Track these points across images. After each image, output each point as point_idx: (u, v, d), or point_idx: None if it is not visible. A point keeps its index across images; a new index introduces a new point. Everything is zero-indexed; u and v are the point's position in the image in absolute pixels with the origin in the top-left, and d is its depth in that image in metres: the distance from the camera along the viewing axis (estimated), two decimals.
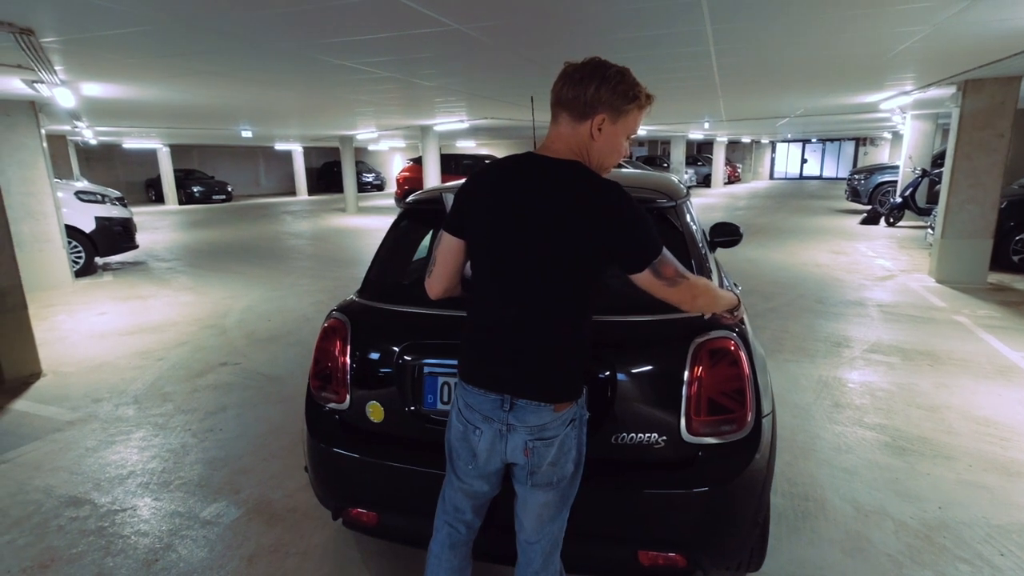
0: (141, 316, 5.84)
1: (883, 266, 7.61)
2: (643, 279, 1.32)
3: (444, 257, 1.46)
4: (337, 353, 1.90)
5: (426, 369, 1.79)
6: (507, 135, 19.84)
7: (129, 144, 19.02)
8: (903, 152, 11.92)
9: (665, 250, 1.33)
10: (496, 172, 1.38)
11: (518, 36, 3.91)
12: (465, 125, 11.65)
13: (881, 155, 26.98)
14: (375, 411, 1.86)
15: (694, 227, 2.14)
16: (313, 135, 17.87)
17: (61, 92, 5.44)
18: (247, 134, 14.26)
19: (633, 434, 1.64)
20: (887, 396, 3.60)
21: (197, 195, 21.45)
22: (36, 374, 4.17)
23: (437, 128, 12.42)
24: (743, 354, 1.66)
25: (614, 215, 1.27)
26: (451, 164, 15.59)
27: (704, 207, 16.03)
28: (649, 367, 1.67)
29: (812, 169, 32.68)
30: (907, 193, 10.90)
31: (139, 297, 6.69)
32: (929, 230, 7.71)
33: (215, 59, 4.68)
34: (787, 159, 33.22)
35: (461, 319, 1.51)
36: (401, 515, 1.85)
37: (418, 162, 15.02)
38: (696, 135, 20.79)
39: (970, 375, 3.90)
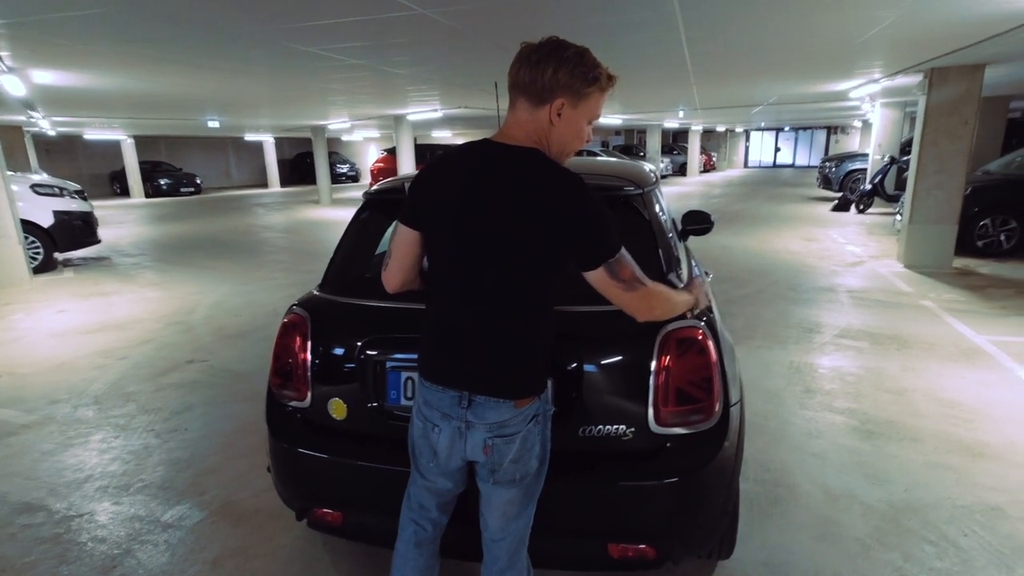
0: (103, 314, 5.64)
1: (853, 252, 7.74)
2: (597, 278, 1.27)
3: (400, 249, 1.40)
4: (297, 349, 1.84)
5: (389, 364, 1.73)
6: (483, 124, 19.66)
7: (91, 135, 18.36)
8: (872, 140, 12.14)
9: (624, 251, 1.28)
10: (452, 161, 1.33)
11: (485, 22, 3.83)
12: (439, 114, 11.49)
13: (852, 143, 27.47)
14: (337, 408, 1.80)
15: (663, 216, 2.11)
16: (284, 125, 17.49)
17: (9, 80, 5.22)
18: (214, 124, 13.89)
19: (601, 426, 1.61)
20: (856, 380, 3.65)
21: (164, 188, 20.84)
22: None
23: (411, 118, 12.25)
24: (711, 343, 1.64)
25: (570, 207, 1.21)
26: (426, 154, 15.41)
27: (680, 195, 16.13)
28: (616, 358, 1.64)
29: (785, 157, 33.15)
30: (876, 180, 11.10)
31: (102, 294, 6.47)
32: (897, 216, 7.85)
33: (171, 46, 4.51)
34: (761, 147, 33.64)
35: (424, 312, 1.45)
36: (366, 514, 1.80)
37: (392, 152, 14.83)
38: (672, 124, 20.88)
39: (936, 358, 3.98)
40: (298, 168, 26.45)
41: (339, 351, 1.82)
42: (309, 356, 1.83)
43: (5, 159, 11.88)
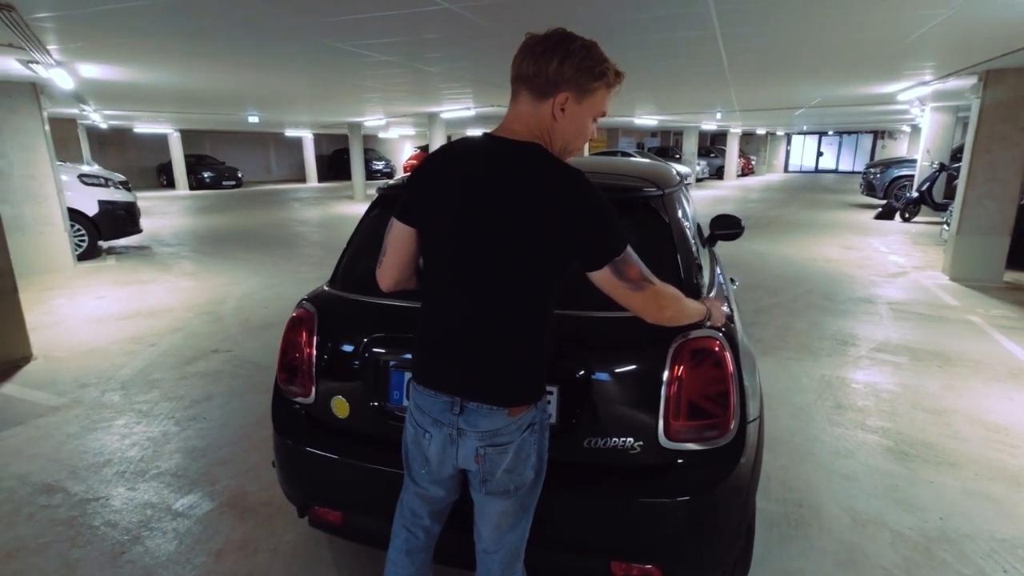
0: (139, 301, 5.81)
1: (896, 262, 7.40)
2: (603, 279, 1.20)
3: (395, 247, 1.35)
4: (303, 344, 1.82)
5: (392, 363, 1.70)
6: None
7: (140, 129, 19.07)
8: (921, 145, 11.61)
9: (630, 249, 1.21)
10: (449, 155, 1.28)
11: (512, 18, 3.77)
12: (472, 113, 11.50)
13: (899, 149, 26.42)
14: (340, 406, 1.77)
15: (686, 220, 2.01)
16: (322, 122, 17.80)
17: (58, 73, 5.40)
18: (254, 119, 14.22)
19: (608, 438, 1.54)
20: (892, 398, 3.46)
21: (207, 180, 21.49)
22: (27, 358, 4.14)
23: (444, 116, 12.28)
24: (728, 355, 1.55)
25: (572, 204, 1.15)
26: None
27: (715, 199, 15.78)
28: (626, 367, 1.56)
29: (828, 162, 32.11)
30: (924, 188, 10.61)
31: (139, 282, 6.68)
32: (945, 226, 7.49)
33: (211, 41, 4.60)
34: (803, 152, 32.66)
35: None
36: (366, 516, 1.77)
37: (426, 150, 14.93)
38: (709, 126, 20.45)
39: (981, 378, 3.74)
40: (335, 164, 26.92)
41: (344, 348, 1.79)
42: (315, 352, 1.81)
43: (59, 151, 12.42)
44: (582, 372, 1.56)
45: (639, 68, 5.97)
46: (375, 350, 1.73)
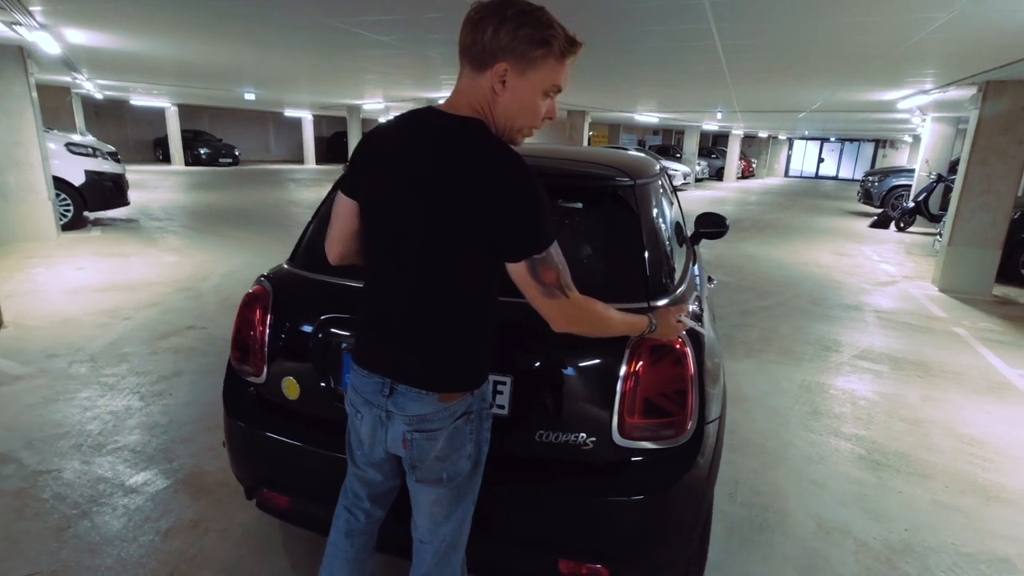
0: (119, 274, 5.72)
1: (886, 271, 7.37)
2: (517, 273, 1.10)
3: (339, 219, 1.29)
4: (256, 322, 1.76)
5: (345, 345, 1.64)
6: None
7: (137, 101, 18.80)
8: (919, 156, 11.57)
9: (554, 250, 1.10)
10: (391, 129, 1.21)
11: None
12: None
13: (900, 158, 26.40)
14: (290, 387, 1.71)
15: (662, 216, 1.95)
16: (321, 103, 17.62)
17: (42, 36, 5.28)
18: (250, 97, 14.05)
19: (560, 433, 1.49)
20: (869, 406, 3.43)
21: (203, 157, 21.27)
22: None
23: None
24: (690, 353, 1.49)
25: (498, 186, 1.06)
26: None
27: (713, 200, 15.73)
28: (582, 361, 1.50)
29: (829, 169, 32.10)
30: (920, 198, 10.59)
31: (122, 254, 6.58)
32: (938, 237, 7.45)
33: (201, 10, 4.49)
34: (804, 157, 32.62)
35: None
36: (313, 501, 1.72)
37: None
38: (710, 126, 20.37)
39: (961, 390, 3.72)
40: (334, 147, 26.71)
41: (298, 327, 1.73)
42: (268, 330, 1.74)
43: (52, 119, 12.20)
44: (538, 364, 1.51)
45: (640, 63, 5.89)
46: (330, 331, 1.67)
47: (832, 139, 30.68)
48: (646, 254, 1.66)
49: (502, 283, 1.19)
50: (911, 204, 10.83)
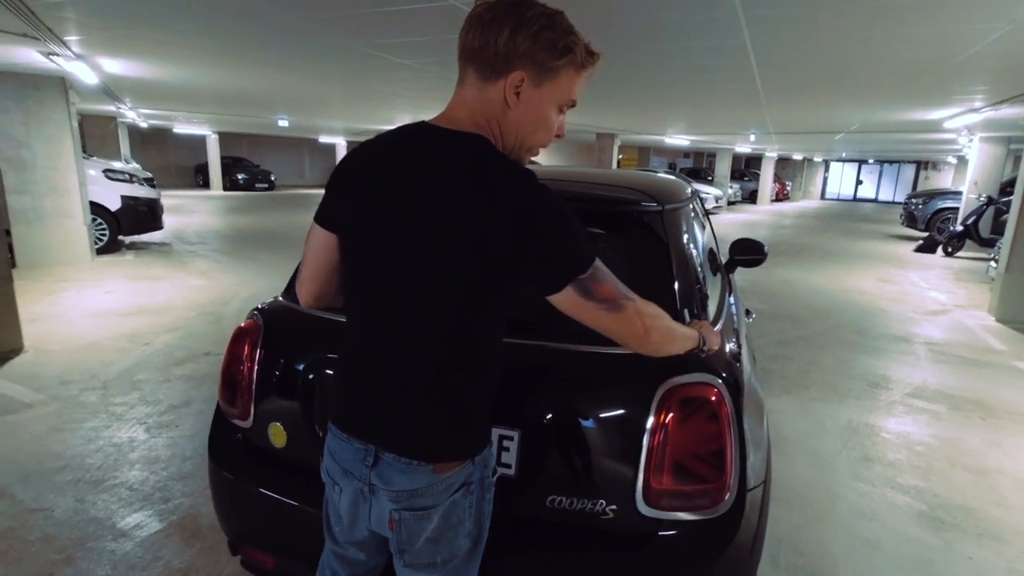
0: (145, 297, 5.75)
1: (936, 299, 6.92)
2: (566, 302, 0.95)
3: (313, 254, 1.11)
4: (245, 359, 1.61)
5: None
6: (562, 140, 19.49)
7: (180, 129, 19.53)
8: (968, 177, 11.04)
9: (599, 263, 0.96)
10: (375, 148, 1.04)
11: None
12: None
13: (943, 180, 25.45)
14: (277, 434, 1.55)
15: (692, 242, 1.75)
16: (353, 128, 17.96)
17: (79, 67, 5.42)
18: (283, 123, 14.38)
19: (574, 498, 1.28)
20: (927, 452, 3.10)
21: (241, 182, 21.90)
22: (16, 350, 4.06)
23: None
24: (728, 407, 1.28)
25: (520, 212, 0.90)
26: None
27: (747, 224, 15.32)
28: (600, 414, 1.31)
29: (867, 191, 31.17)
30: (969, 221, 10.04)
31: (151, 278, 6.64)
32: (992, 263, 6.99)
33: (231, 40, 4.53)
34: (841, 179, 31.79)
35: None
36: (299, 562, 1.54)
37: None
38: (743, 148, 20.00)
39: None
40: None
41: (289, 366, 1.58)
42: (256, 369, 1.60)
43: (98, 146, 12.65)
44: (549, 416, 1.32)
45: (672, 82, 5.73)
46: (323, 371, 1.51)
47: (871, 160, 29.83)
48: (676, 285, 1.47)
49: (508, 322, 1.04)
50: (959, 228, 10.28)
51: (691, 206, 2.00)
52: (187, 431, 3.02)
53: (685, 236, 1.69)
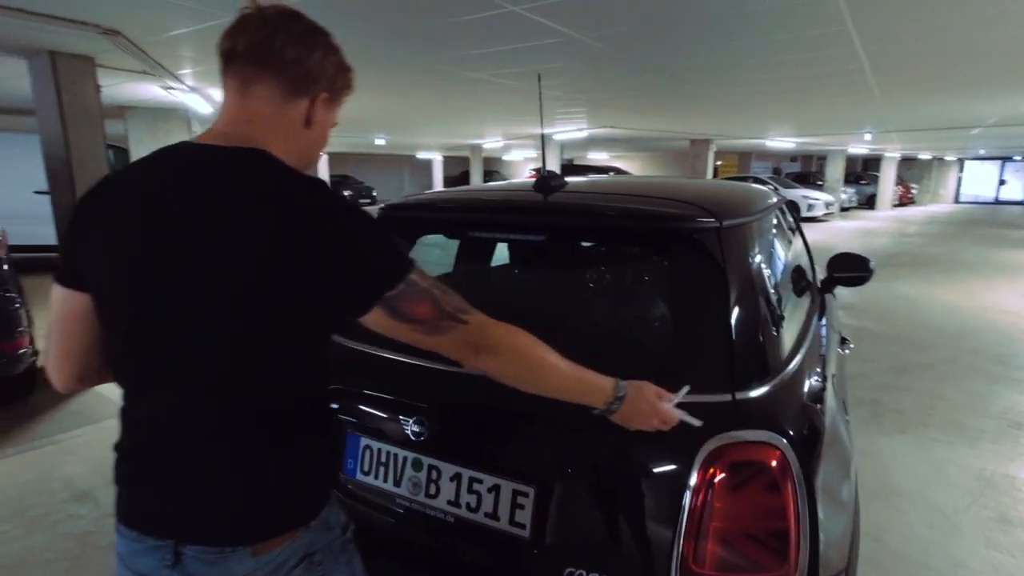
0: None
1: None
2: (378, 324, 0.84)
3: (64, 324, 0.89)
4: None
5: (348, 424, 1.38)
6: (637, 147, 18.99)
7: None
8: None
9: (413, 279, 0.83)
10: (125, 181, 0.86)
11: (636, 44, 3.48)
12: (584, 134, 11.26)
13: None
14: None
15: (766, 265, 1.47)
16: (446, 144, 18.57)
17: (193, 98, 5.93)
18: (380, 141, 15.11)
19: (596, 573, 1.09)
20: None
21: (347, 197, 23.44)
22: None
23: (556, 138, 12.17)
24: (794, 475, 1.02)
25: (315, 226, 0.79)
26: (577, 174, 15.26)
27: (863, 232, 13.93)
28: (632, 474, 1.10)
29: (1011, 193, 27.31)
30: None
31: None
32: None
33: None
34: (978, 180, 28.14)
35: (410, 363, 1.13)
36: None
37: (538, 172, 14.88)
38: (858, 149, 18.28)
39: None
40: (459, 183, 28.14)
41: None
42: None
43: None
44: (569, 471, 1.13)
45: (766, 80, 5.27)
46: (331, 406, 1.43)
47: (1017, 158, 26.15)
48: (732, 320, 1.22)
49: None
50: None
51: (767, 220, 1.71)
52: None
53: (752, 258, 1.42)
